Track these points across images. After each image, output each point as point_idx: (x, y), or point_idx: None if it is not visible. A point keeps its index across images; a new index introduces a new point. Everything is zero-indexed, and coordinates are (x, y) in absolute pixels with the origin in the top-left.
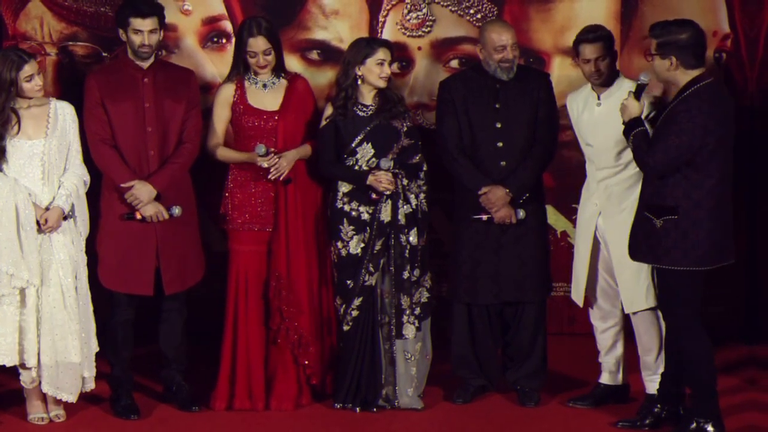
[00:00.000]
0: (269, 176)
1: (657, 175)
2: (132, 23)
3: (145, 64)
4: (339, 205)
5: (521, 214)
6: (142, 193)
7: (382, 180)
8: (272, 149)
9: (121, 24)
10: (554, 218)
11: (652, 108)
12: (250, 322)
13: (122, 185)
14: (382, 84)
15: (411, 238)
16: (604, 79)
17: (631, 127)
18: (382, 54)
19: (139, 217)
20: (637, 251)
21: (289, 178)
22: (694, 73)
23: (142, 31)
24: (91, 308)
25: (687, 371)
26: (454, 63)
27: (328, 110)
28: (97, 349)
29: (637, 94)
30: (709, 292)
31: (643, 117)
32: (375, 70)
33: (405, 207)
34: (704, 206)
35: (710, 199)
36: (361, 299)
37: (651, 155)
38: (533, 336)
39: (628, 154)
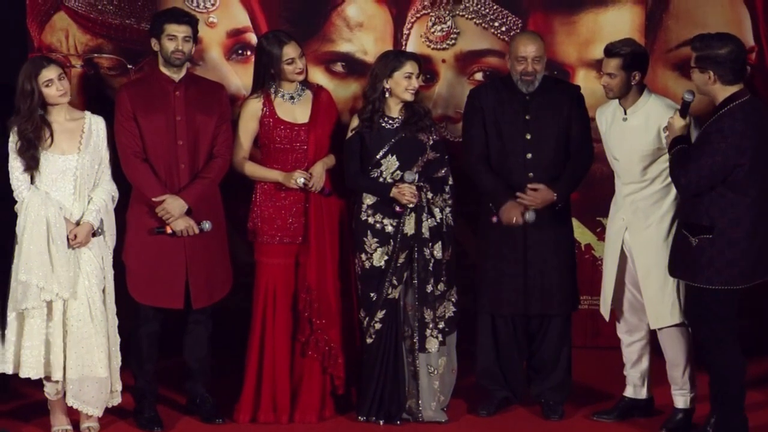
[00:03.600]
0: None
1: (690, 194)
2: (167, 29)
3: (177, 77)
4: (363, 217)
5: (529, 216)
6: (173, 207)
7: (405, 193)
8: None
9: (155, 32)
10: (578, 231)
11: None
12: (278, 334)
13: (153, 199)
14: (409, 97)
15: (435, 252)
16: (613, 95)
17: (674, 145)
18: (409, 67)
19: (169, 231)
20: (674, 268)
21: (331, 190)
22: (732, 89)
23: (177, 36)
24: (116, 322)
25: (716, 386)
26: (479, 76)
27: (354, 122)
28: (120, 364)
29: (683, 111)
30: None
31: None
32: (402, 83)
33: (429, 220)
34: (740, 225)
35: (747, 218)
36: (384, 312)
37: (684, 174)
38: (558, 349)
39: (654, 170)
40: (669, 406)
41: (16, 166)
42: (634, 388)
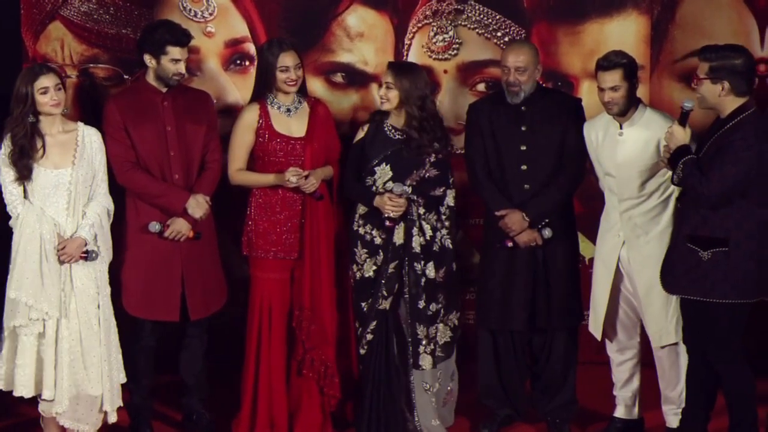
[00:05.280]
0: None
1: (712, 205)
2: (170, 52)
3: (165, 88)
4: (355, 227)
5: (547, 233)
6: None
7: (387, 203)
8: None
9: (153, 49)
10: (582, 245)
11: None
12: (273, 350)
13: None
14: (381, 107)
15: (428, 271)
16: (618, 110)
17: (679, 155)
18: (383, 77)
19: (166, 232)
20: (676, 285)
21: (321, 194)
22: (741, 100)
23: (181, 59)
24: (116, 339)
25: (731, 407)
26: (481, 86)
27: (360, 133)
28: (124, 380)
29: (682, 120)
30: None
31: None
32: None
33: (420, 237)
34: (756, 236)
35: (761, 229)
36: (375, 323)
37: (706, 185)
38: (566, 366)
39: (652, 184)
40: (658, 428)
41: (8, 178)
42: (626, 408)
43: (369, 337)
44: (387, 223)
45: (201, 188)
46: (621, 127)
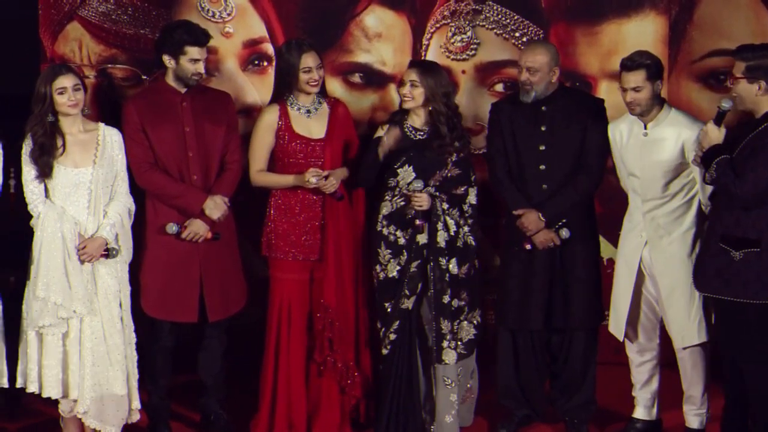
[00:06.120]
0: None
1: (746, 205)
2: (189, 52)
3: (183, 89)
4: (378, 227)
5: (564, 233)
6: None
7: (413, 199)
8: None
9: (172, 50)
10: (601, 245)
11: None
12: (293, 351)
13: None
14: (404, 105)
15: (451, 267)
16: (640, 111)
17: (712, 154)
18: (406, 76)
19: (183, 233)
20: (706, 285)
21: (342, 194)
22: None
23: (200, 60)
24: (134, 339)
25: (753, 407)
26: (499, 87)
27: (383, 127)
28: (137, 376)
29: (718, 120)
30: None
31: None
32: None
33: (444, 232)
34: None
35: None
36: (398, 322)
37: (740, 185)
38: (585, 366)
39: (676, 185)
40: (677, 428)
41: (29, 176)
42: (645, 410)
43: (392, 336)
44: (417, 221)
45: (219, 189)
46: (645, 128)
